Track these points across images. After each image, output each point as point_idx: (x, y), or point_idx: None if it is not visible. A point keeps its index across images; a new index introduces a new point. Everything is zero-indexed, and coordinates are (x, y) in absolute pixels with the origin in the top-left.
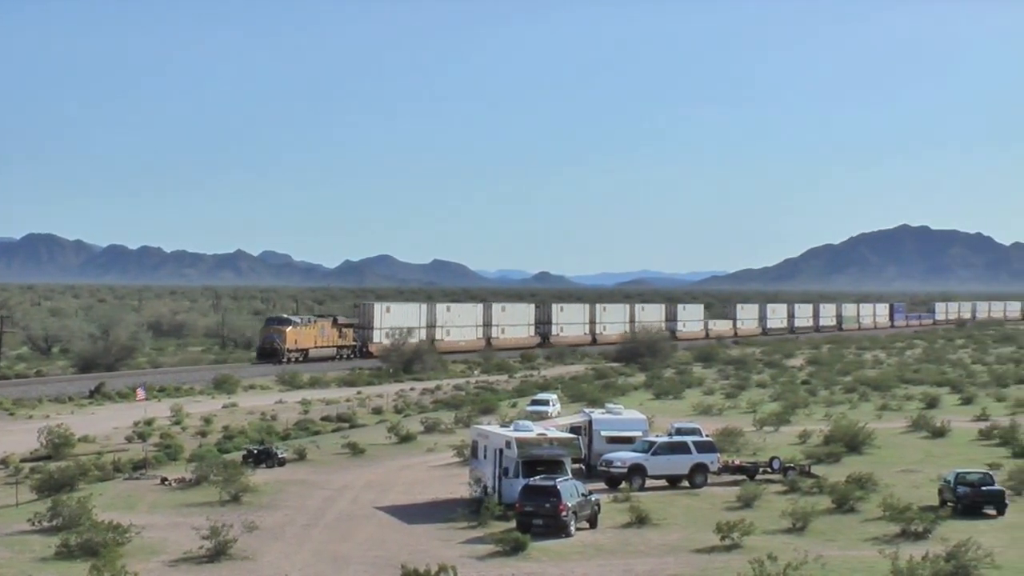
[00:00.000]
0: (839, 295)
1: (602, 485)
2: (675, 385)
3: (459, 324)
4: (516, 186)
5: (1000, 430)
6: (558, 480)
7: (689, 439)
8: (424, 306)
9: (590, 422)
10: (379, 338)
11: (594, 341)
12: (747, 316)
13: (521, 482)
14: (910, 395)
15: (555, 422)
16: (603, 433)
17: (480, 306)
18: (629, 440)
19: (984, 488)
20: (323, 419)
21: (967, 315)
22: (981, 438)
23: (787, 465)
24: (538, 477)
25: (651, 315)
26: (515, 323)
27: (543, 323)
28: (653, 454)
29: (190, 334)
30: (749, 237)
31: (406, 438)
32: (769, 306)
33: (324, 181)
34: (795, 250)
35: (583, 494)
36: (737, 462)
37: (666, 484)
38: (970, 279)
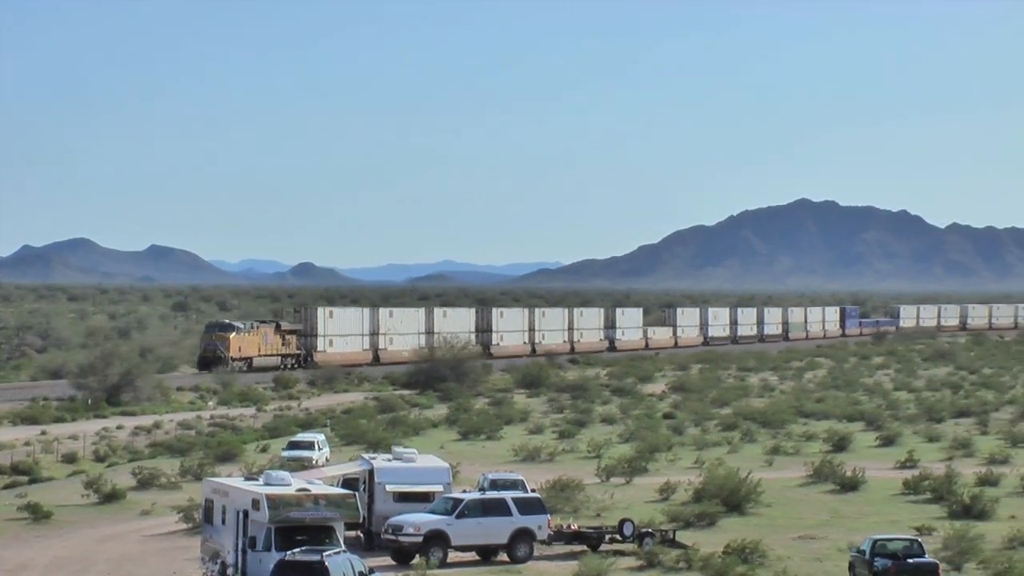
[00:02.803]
0: (711, 295)
1: (388, 560)
2: (489, 420)
3: (403, 332)
4: (263, 151)
5: (932, 481)
6: (326, 554)
7: (508, 495)
8: (366, 311)
9: (371, 472)
10: (323, 346)
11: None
12: (688, 323)
13: (275, 557)
14: (811, 433)
15: (323, 472)
16: (389, 488)
17: (422, 311)
18: (425, 497)
19: (911, 560)
20: None
21: (951, 321)
22: (906, 492)
23: (643, 530)
24: (298, 550)
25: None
26: (459, 330)
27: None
28: (458, 516)
29: None
30: (593, 218)
31: (111, 496)
32: (711, 311)
33: None
34: (654, 235)
35: (362, 573)
36: (575, 527)
37: (477, 558)
38: (891, 273)
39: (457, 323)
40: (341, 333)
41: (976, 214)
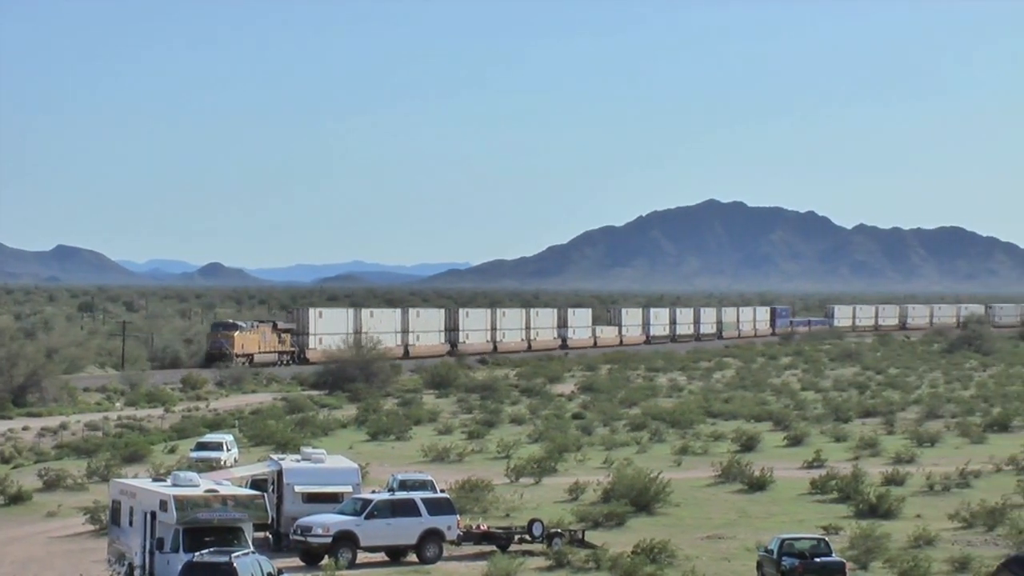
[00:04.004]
0: (619, 296)
1: (297, 561)
2: (398, 421)
3: (382, 331)
4: (170, 150)
5: (839, 480)
6: (235, 555)
7: (418, 496)
8: (351, 312)
9: (280, 473)
10: (315, 344)
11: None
12: (632, 322)
13: (183, 558)
14: (719, 433)
15: (231, 473)
16: (298, 488)
17: (398, 311)
18: (334, 498)
19: (818, 559)
20: None
21: (890, 321)
22: (814, 491)
23: (552, 531)
24: (206, 551)
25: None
26: (428, 330)
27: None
28: (367, 517)
29: None
30: (502, 219)
31: (16, 498)
32: (652, 311)
33: None
34: (563, 235)
35: (270, 574)
36: (484, 527)
37: (386, 558)
38: (798, 273)
39: (429, 323)
40: (329, 332)
41: (882, 215)
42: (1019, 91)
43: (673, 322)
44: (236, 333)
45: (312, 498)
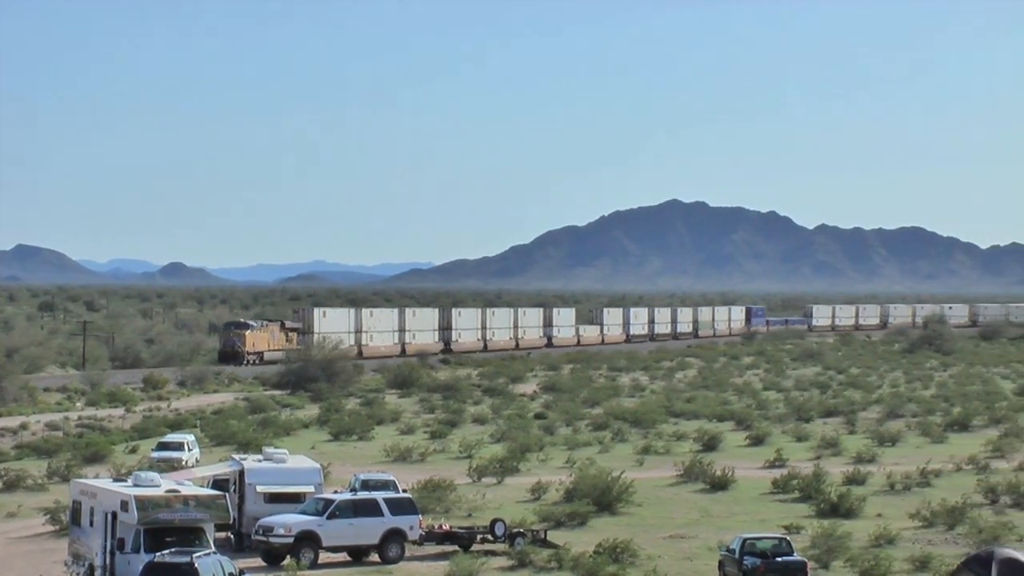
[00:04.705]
0: (581, 296)
1: (258, 561)
2: (360, 421)
3: (380, 330)
4: (132, 149)
5: (801, 480)
6: (196, 556)
7: (380, 496)
8: (352, 311)
9: (241, 473)
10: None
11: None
12: (613, 322)
13: (144, 559)
14: (681, 433)
15: (192, 473)
16: (260, 488)
17: (395, 311)
18: (296, 498)
19: (780, 559)
20: None
21: (871, 320)
22: (775, 491)
23: (515, 530)
24: (167, 552)
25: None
26: (424, 328)
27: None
28: (329, 517)
29: None
30: (464, 218)
31: None
32: (632, 311)
33: None
34: (525, 235)
35: (232, 574)
36: (446, 527)
37: (348, 558)
38: (760, 273)
39: (424, 322)
40: (332, 331)
41: (844, 215)
42: (980, 92)
43: (652, 321)
44: (248, 332)
45: (274, 498)
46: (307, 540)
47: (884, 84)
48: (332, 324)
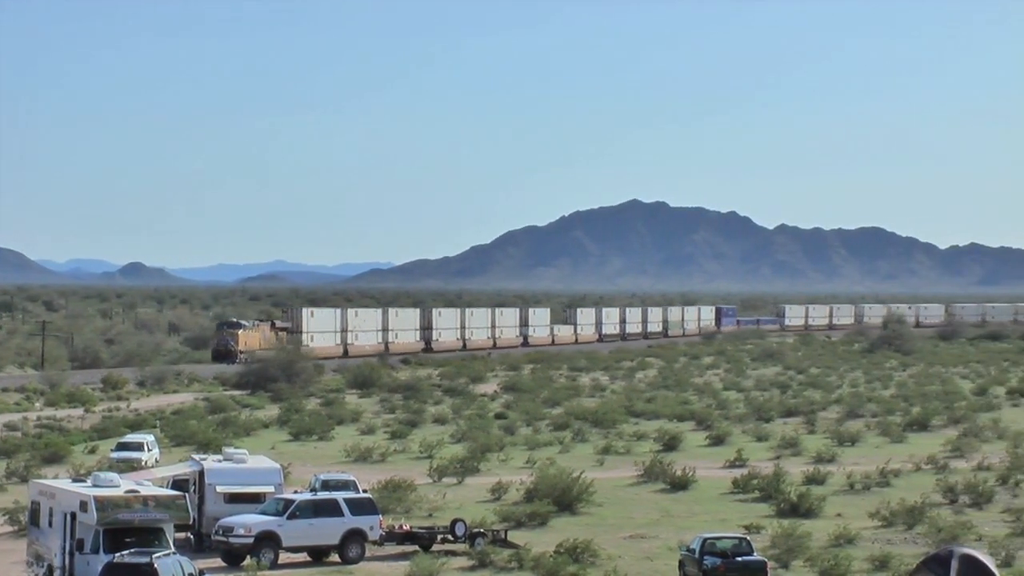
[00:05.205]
0: (542, 296)
1: (218, 561)
2: (320, 421)
3: (364, 329)
4: (91, 149)
5: (761, 480)
6: (156, 556)
7: (340, 496)
8: (338, 311)
9: (201, 473)
10: (307, 341)
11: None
12: (586, 321)
13: (103, 559)
14: (642, 433)
15: (152, 474)
16: (220, 489)
17: (379, 311)
18: (256, 498)
19: (740, 559)
20: None
21: (845, 320)
22: (735, 490)
23: (475, 531)
24: (127, 552)
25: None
26: (406, 328)
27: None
28: (289, 517)
29: None
30: (425, 218)
31: None
32: (604, 311)
33: None
34: (486, 235)
35: (191, 575)
36: (407, 527)
37: (308, 559)
38: (720, 273)
39: (406, 322)
40: (320, 330)
41: (803, 215)
42: (937, 92)
43: (623, 321)
44: (240, 331)
45: (234, 498)
46: (267, 540)
47: (843, 85)
48: (320, 324)
